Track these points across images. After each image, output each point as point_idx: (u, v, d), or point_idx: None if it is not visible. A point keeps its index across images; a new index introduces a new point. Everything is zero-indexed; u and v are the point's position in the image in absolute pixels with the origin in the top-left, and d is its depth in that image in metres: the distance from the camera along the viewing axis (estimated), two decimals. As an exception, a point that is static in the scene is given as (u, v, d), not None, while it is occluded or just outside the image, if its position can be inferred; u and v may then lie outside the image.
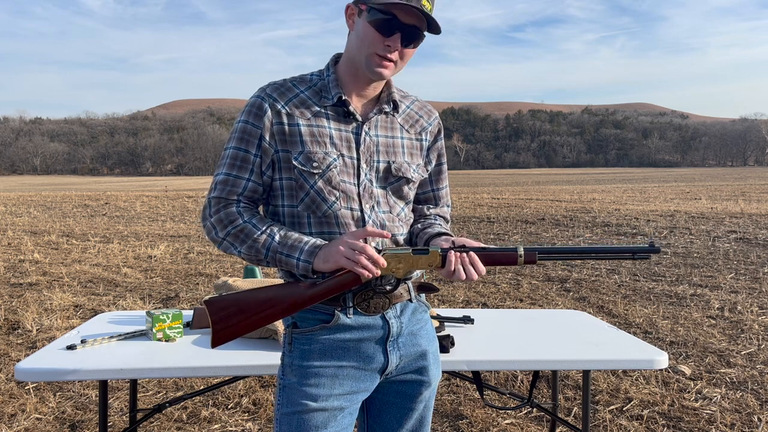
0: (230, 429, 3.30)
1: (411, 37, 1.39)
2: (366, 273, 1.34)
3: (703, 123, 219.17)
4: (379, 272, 1.36)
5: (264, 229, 1.41)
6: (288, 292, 1.40)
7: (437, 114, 1.63)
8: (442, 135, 1.64)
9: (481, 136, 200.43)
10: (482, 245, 1.42)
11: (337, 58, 1.51)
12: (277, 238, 1.40)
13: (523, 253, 1.42)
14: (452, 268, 1.38)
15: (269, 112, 1.42)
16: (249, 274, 3.03)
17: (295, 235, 1.41)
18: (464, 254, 1.39)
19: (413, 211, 1.62)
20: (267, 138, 1.43)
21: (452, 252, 1.38)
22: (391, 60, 1.40)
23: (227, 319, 1.40)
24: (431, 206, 1.64)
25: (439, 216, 1.64)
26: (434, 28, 1.39)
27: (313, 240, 1.40)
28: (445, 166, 1.67)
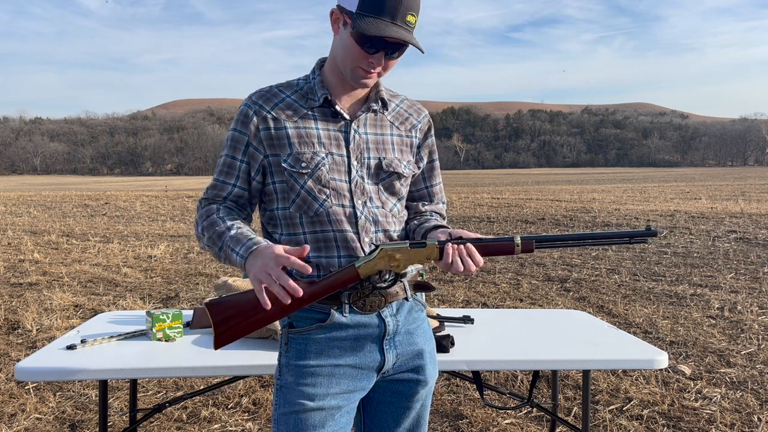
0: (230, 429, 3.30)
1: (394, 51, 1.41)
2: (268, 304, 1.29)
3: (703, 123, 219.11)
4: (289, 300, 1.29)
5: (227, 223, 1.43)
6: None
7: (427, 112, 1.65)
8: (433, 132, 1.65)
9: (481, 136, 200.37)
10: (479, 236, 1.41)
11: (322, 62, 1.53)
12: (232, 232, 1.40)
13: (520, 242, 1.41)
14: (450, 260, 1.37)
15: (255, 119, 1.46)
16: (249, 274, 3.02)
17: (248, 232, 1.40)
18: (461, 246, 1.39)
19: (408, 209, 1.63)
20: (254, 144, 1.46)
21: (449, 244, 1.38)
22: (374, 71, 1.43)
23: (228, 321, 1.41)
24: (426, 203, 1.66)
25: (435, 212, 1.65)
26: (419, 48, 1.39)
27: (258, 240, 1.37)
28: (437, 163, 1.68)
